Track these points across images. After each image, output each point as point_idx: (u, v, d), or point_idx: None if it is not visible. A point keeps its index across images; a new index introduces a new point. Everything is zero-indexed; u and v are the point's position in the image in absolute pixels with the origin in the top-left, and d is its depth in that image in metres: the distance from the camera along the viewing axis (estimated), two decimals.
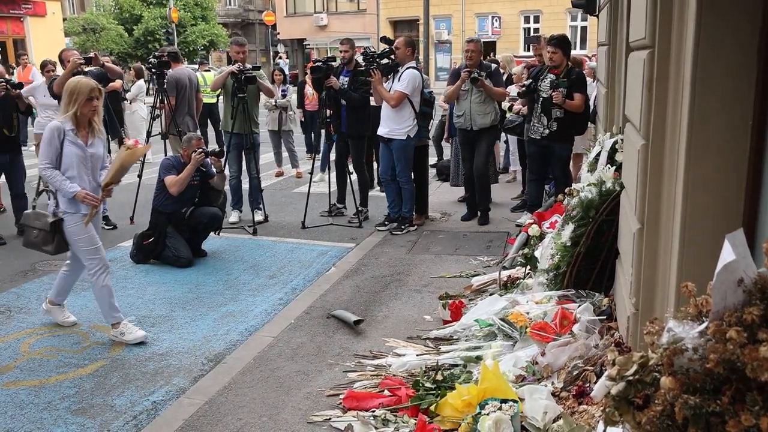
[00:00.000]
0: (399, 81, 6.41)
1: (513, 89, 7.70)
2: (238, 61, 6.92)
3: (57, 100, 7.04)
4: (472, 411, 2.84)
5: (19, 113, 6.84)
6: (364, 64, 6.74)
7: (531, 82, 6.29)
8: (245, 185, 7.40)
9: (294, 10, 37.86)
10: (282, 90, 9.98)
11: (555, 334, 3.42)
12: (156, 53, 7.84)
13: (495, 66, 7.02)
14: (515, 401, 2.80)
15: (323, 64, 6.96)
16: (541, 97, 6.25)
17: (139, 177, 7.32)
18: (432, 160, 9.57)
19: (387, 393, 3.29)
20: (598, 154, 4.33)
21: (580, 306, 3.61)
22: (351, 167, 7.43)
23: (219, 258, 6.11)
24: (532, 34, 28.33)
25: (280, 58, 29.08)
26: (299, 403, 3.37)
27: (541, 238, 4.81)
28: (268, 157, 10.83)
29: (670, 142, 2.53)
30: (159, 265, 5.82)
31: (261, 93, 7.30)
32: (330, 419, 3.17)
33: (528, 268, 4.55)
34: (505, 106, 7.74)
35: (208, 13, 33.92)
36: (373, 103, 6.95)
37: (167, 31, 28.77)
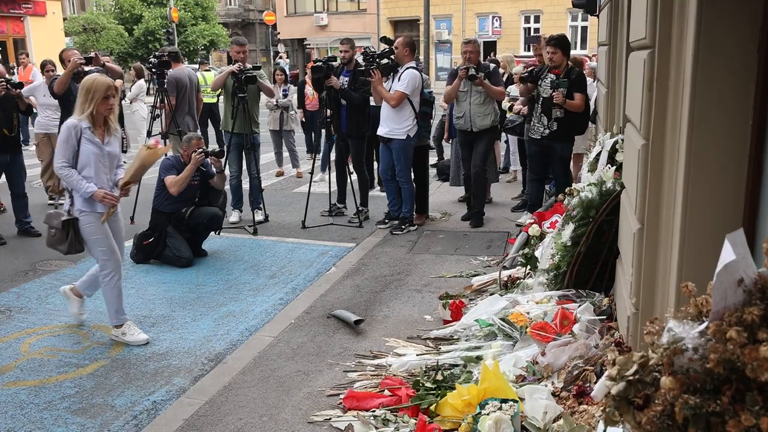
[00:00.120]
0: (399, 81, 6.41)
1: (513, 89, 7.70)
2: (239, 61, 6.92)
3: (57, 100, 7.07)
4: (472, 411, 2.84)
5: (20, 113, 6.84)
6: (363, 64, 6.73)
7: (533, 69, 6.26)
8: (245, 185, 7.41)
9: (294, 10, 37.87)
10: (283, 90, 9.97)
11: (555, 334, 3.42)
12: (156, 53, 7.84)
13: (494, 66, 7.01)
14: (515, 401, 2.80)
15: (324, 63, 6.96)
16: (541, 97, 6.25)
17: None
18: (433, 159, 9.58)
19: (387, 393, 3.30)
20: (599, 154, 4.33)
21: (580, 306, 3.61)
22: (351, 167, 7.43)
23: (219, 258, 6.11)
24: (532, 34, 28.37)
25: (280, 58, 29.04)
26: (299, 402, 3.37)
27: (541, 238, 4.81)
28: (269, 156, 10.83)
29: (671, 142, 2.53)
30: (159, 265, 5.82)
31: (261, 93, 7.30)
32: (330, 419, 3.18)
33: (528, 268, 4.54)
34: (505, 106, 7.74)
35: (208, 13, 33.94)
36: (372, 103, 6.95)
37: (167, 30, 28.77)
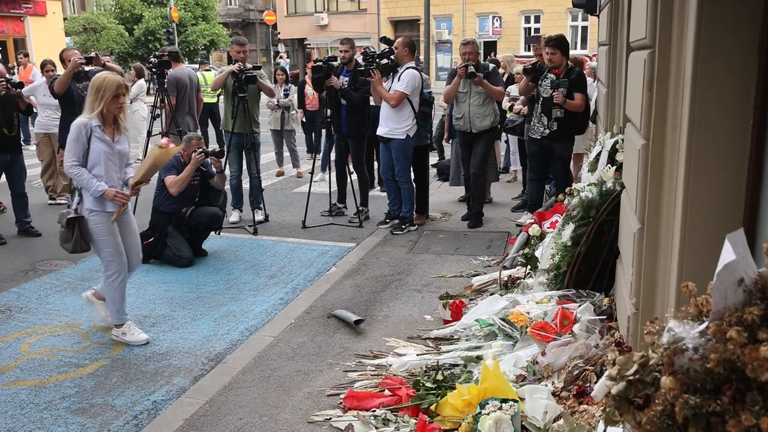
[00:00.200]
0: (399, 81, 6.40)
1: (513, 89, 7.70)
2: (239, 61, 6.92)
3: (57, 100, 7.07)
4: (472, 411, 2.84)
5: (20, 113, 6.84)
6: (363, 64, 6.73)
7: (537, 62, 6.24)
8: (246, 185, 7.41)
9: (294, 10, 37.88)
10: (284, 89, 9.96)
11: (555, 334, 3.42)
12: (156, 53, 7.83)
13: (493, 66, 7.00)
14: (515, 401, 2.80)
15: (324, 63, 6.96)
16: (541, 97, 6.25)
17: None
18: (434, 159, 9.58)
19: (387, 393, 3.30)
20: (599, 154, 4.33)
21: (580, 306, 3.61)
22: (351, 167, 7.43)
23: (219, 258, 6.11)
24: (532, 34, 28.37)
25: (280, 58, 29.05)
26: (300, 402, 3.37)
27: (541, 237, 4.81)
28: (269, 156, 10.83)
29: (671, 141, 2.53)
30: (159, 264, 5.82)
31: (261, 93, 7.30)
32: (330, 419, 3.18)
33: (528, 267, 4.54)
34: (505, 106, 7.73)
35: (208, 13, 33.92)
36: (372, 102, 6.95)
37: (168, 30, 28.77)
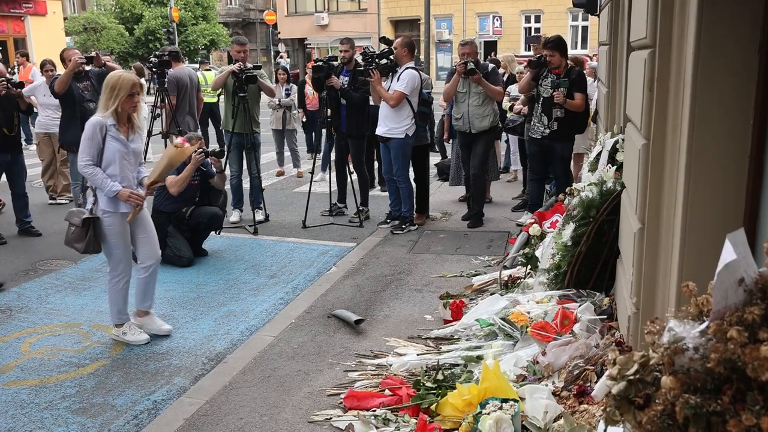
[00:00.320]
0: (398, 81, 6.40)
1: (513, 89, 7.70)
2: (239, 61, 6.92)
3: (58, 100, 7.07)
4: (472, 410, 2.84)
5: (20, 112, 6.84)
6: (362, 64, 6.74)
7: (540, 56, 6.24)
8: (246, 185, 7.41)
9: (295, 10, 37.87)
10: (286, 89, 9.95)
11: (556, 334, 3.42)
12: (157, 52, 7.84)
13: (492, 66, 6.99)
14: (516, 401, 2.80)
15: (324, 63, 6.96)
16: (541, 97, 6.25)
17: None
18: (436, 159, 9.58)
19: (388, 392, 3.30)
20: (599, 154, 4.33)
21: (580, 305, 3.61)
22: (351, 166, 7.43)
23: (220, 257, 6.11)
24: (532, 34, 28.36)
25: (281, 58, 29.04)
26: (300, 402, 3.37)
27: (541, 237, 4.81)
28: (269, 156, 10.83)
29: (671, 141, 2.53)
30: (159, 264, 5.80)
31: (262, 92, 7.30)
32: (331, 419, 3.18)
33: (529, 267, 4.54)
34: (505, 105, 7.73)
35: (208, 13, 33.91)
36: (372, 102, 6.95)
37: (168, 30, 28.76)
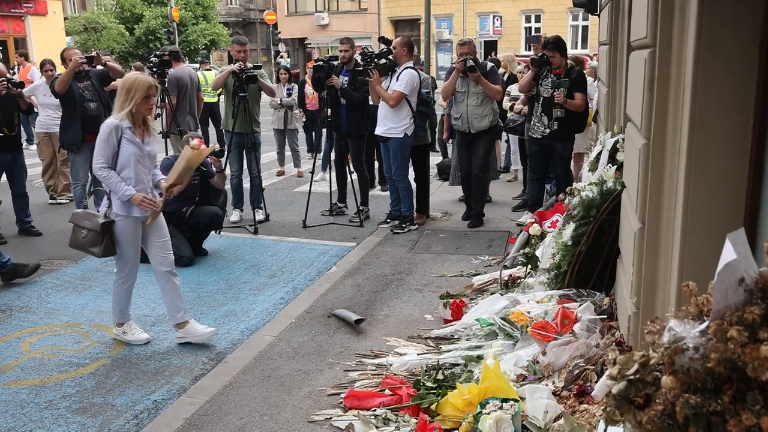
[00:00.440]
0: (397, 81, 6.40)
1: (513, 88, 7.70)
2: (239, 60, 6.92)
3: (59, 99, 7.07)
4: (473, 410, 2.84)
5: (20, 112, 6.84)
6: (362, 63, 6.74)
7: (542, 55, 6.24)
8: (246, 184, 7.41)
9: (295, 10, 37.88)
10: (287, 89, 9.94)
11: (556, 334, 3.42)
12: (157, 52, 7.84)
13: (491, 65, 6.96)
14: (516, 400, 2.80)
15: (325, 63, 6.96)
16: (541, 97, 6.25)
17: None
18: (437, 159, 9.58)
19: (388, 392, 3.30)
20: (599, 154, 4.33)
21: (581, 305, 3.61)
22: (351, 166, 7.43)
23: (220, 257, 6.11)
24: (533, 34, 28.35)
25: (281, 58, 29.04)
26: (300, 402, 3.37)
27: (542, 237, 4.81)
28: (269, 156, 10.83)
29: (671, 141, 2.53)
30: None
31: (262, 92, 7.30)
32: (331, 418, 3.18)
33: (529, 267, 4.54)
34: (506, 105, 7.73)
35: (209, 12, 33.90)
36: (371, 102, 6.95)
37: (168, 30, 28.72)
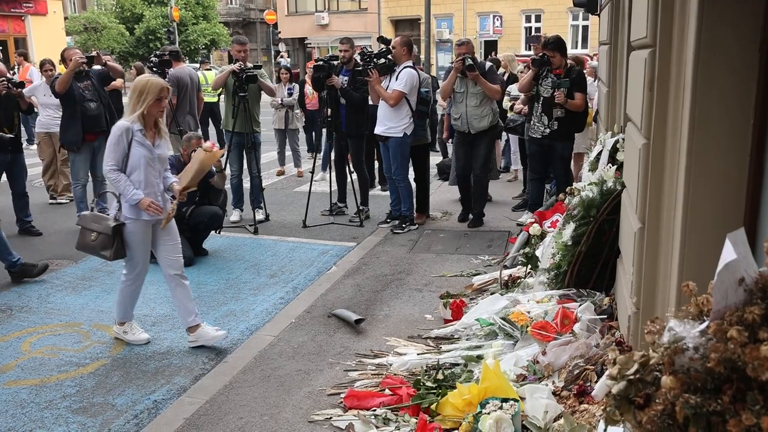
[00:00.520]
0: (397, 80, 6.40)
1: (513, 88, 7.69)
2: (239, 60, 6.92)
3: (59, 99, 7.06)
4: (472, 410, 2.84)
5: (21, 112, 6.84)
6: (361, 63, 6.73)
7: (543, 55, 6.23)
8: (246, 184, 7.41)
9: (295, 9, 37.87)
10: (288, 88, 9.93)
11: (556, 334, 3.42)
12: (157, 52, 7.83)
13: (489, 65, 6.95)
14: (516, 400, 2.80)
15: (325, 62, 6.95)
16: (541, 97, 6.25)
17: None
18: (437, 158, 9.58)
19: (388, 392, 3.30)
20: (600, 154, 4.33)
21: (581, 305, 3.61)
22: (351, 166, 7.43)
23: (220, 257, 6.11)
24: (533, 34, 28.35)
25: (281, 57, 29.04)
26: (300, 402, 3.37)
27: (542, 237, 4.81)
28: (269, 156, 10.83)
29: (672, 141, 2.52)
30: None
31: (262, 92, 7.30)
32: (331, 418, 3.18)
33: (529, 267, 4.54)
34: (506, 105, 7.72)
35: (209, 12, 33.90)
36: (370, 102, 6.94)
37: (168, 30, 28.73)
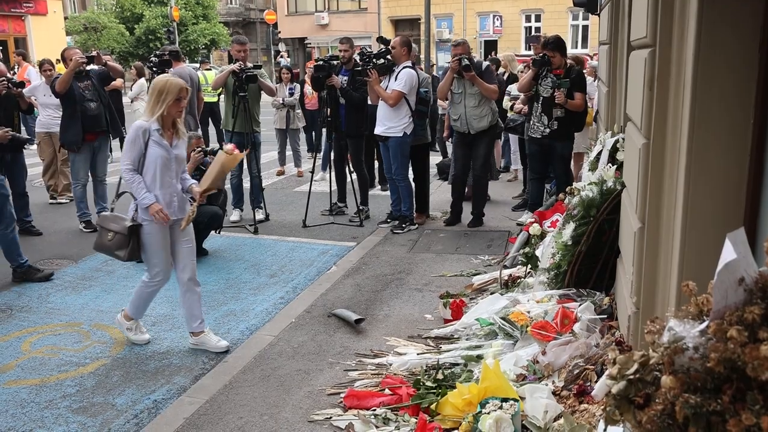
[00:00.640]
0: (396, 80, 6.40)
1: (513, 88, 7.69)
2: (239, 60, 6.92)
3: (59, 99, 7.06)
4: (472, 410, 2.84)
5: (21, 112, 6.84)
6: (360, 63, 6.73)
7: (543, 55, 6.23)
8: (246, 184, 7.41)
9: (295, 9, 37.85)
10: (290, 88, 9.93)
11: (556, 333, 3.42)
12: (157, 52, 7.83)
13: (486, 64, 6.91)
14: (516, 400, 2.80)
15: (325, 62, 6.95)
16: (541, 97, 6.25)
17: None
18: (437, 158, 9.58)
19: (388, 392, 3.30)
20: (599, 153, 4.33)
21: (581, 305, 3.61)
22: (351, 166, 7.43)
23: (220, 257, 6.11)
24: (533, 34, 28.33)
25: (281, 57, 29.04)
26: (300, 401, 3.37)
27: (542, 237, 4.81)
28: (269, 156, 10.83)
29: (671, 141, 2.52)
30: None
31: (262, 92, 7.30)
32: (331, 418, 3.18)
33: (529, 267, 4.54)
34: (506, 105, 7.72)
35: (209, 12, 33.90)
36: (370, 102, 6.94)
37: (168, 29, 28.72)
